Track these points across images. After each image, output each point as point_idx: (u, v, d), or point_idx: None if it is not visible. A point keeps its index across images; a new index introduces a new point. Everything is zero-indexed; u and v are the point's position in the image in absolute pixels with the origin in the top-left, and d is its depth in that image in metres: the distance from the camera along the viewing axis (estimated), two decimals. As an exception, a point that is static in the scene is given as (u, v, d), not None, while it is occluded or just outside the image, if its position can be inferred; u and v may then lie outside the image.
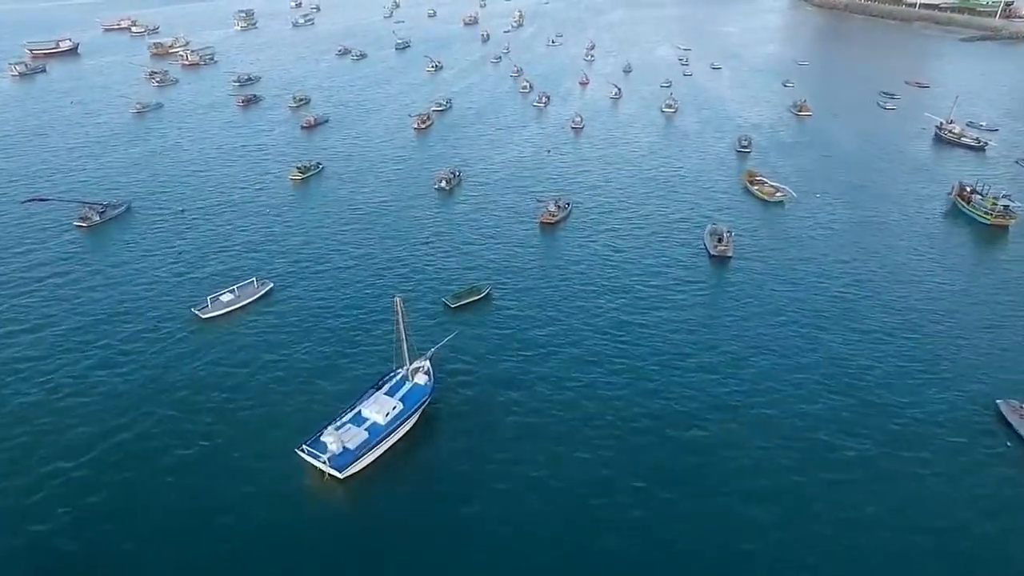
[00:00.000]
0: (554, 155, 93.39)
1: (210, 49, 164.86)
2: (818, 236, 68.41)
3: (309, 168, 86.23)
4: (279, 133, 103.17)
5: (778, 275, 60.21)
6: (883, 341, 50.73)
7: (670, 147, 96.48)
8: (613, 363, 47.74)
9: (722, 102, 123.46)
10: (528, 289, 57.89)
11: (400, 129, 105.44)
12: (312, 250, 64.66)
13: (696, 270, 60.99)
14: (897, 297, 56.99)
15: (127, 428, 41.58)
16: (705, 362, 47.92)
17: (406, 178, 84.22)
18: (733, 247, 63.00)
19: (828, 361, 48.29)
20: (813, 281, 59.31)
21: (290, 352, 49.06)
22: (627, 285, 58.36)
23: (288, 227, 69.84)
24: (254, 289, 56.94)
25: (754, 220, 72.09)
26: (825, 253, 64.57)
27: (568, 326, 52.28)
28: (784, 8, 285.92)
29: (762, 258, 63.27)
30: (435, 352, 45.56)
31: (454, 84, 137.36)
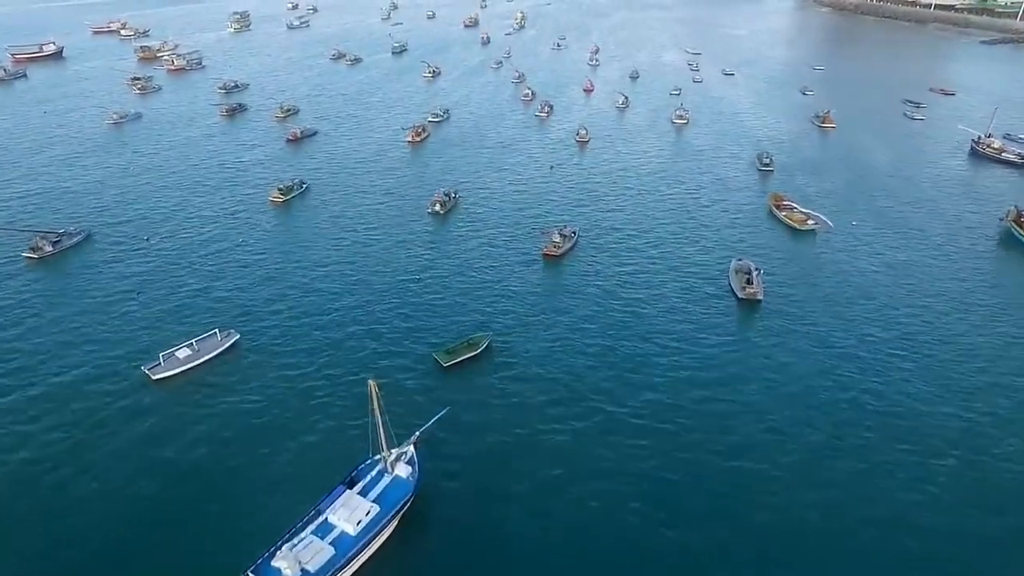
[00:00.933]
0: (558, 172, 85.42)
1: (197, 53, 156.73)
2: (858, 273, 60.33)
3: (292, 188, 78.30)
4: (262, 147, 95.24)
5: (817, 324, 52.05)
6: (954, 416, 42.77)
7: (684, 164, 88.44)
8: (632, 449, 39.84)
9: (737, 112, 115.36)
10: (532, 339, 49.95)
11: (393, 143, 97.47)
12: (288, 289, 56.65)
13: (722, 319, 52.82)
14: (960, 356, 48.81)
15: (37, 539, 33.84)
16: (743, 443, 40.09)
17: (397, 200, 76.28)
18: (763, 288, 55.06)
19: (887, 442, 40.45)
20: (858, 333, 51.16)
21: (250, 429, 41.11)
22: (644, 333, 50.34)
23: (263, 260, 61.83)
24: (216, 342, 48.99)
25: (783, 253, 64.08)
26: (869, 295, 56.45)
27: (578, 391, 44.29)
28: (791, 9, 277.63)
29: (797, 302, 55.19)
30: (421, 435, 37.74)
31: (452, 91, 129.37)
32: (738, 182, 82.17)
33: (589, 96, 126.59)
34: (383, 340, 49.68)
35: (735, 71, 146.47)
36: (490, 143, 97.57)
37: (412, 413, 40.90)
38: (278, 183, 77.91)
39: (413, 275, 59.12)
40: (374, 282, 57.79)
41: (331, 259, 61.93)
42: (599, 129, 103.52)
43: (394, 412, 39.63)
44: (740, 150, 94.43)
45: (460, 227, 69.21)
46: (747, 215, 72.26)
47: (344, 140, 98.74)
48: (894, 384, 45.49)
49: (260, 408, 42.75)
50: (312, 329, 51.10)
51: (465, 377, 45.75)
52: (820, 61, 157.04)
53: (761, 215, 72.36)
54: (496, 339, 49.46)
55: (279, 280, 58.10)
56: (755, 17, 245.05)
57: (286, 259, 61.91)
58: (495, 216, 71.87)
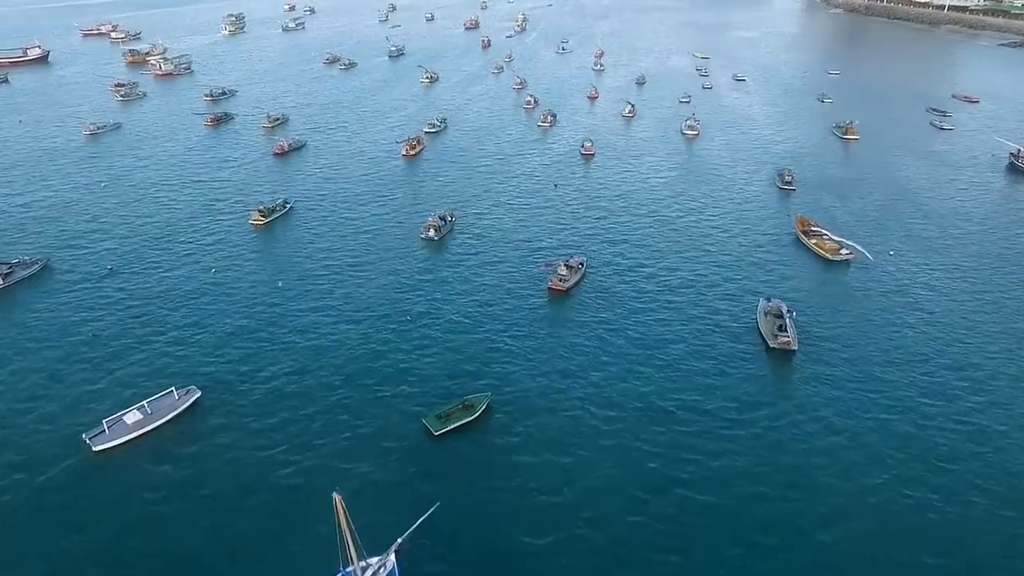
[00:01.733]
0: (562, 191, 78.49)
1: (186, 58, 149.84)
2: (904, 314, 52.96)
3: (274, 209, 71.41)
4: (247, 162, 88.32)
5: (864, 383, 44.65)
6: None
7: (698, 182, 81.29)
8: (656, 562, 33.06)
9: (751, 122, 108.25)
10: (537, 397, 43.01)
11: (387, 156, 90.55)
12: (261, 334, 49.47)
13: (753, 372, 45.67)
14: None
15: None
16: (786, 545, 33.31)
17: (388, 223, 69.34)
18: (797, 336, 48.07)
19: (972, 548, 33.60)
20: (916, 394, 43.83)
21: (196, 519, 34.18)
22: (664, 395, 43.32)
23: (235, 297, 54.75)
24: (172, 402, 42.12)
25: (816, 287, 57.07)
26: (922, 345, 49.01)
27: (595, 484, 37.03)
28: (799, 9, 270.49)
29: (836, 351, 47.89)
30: (403, 542, 30.92)
31: (450, 99, 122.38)
32: (758, 203, 75.08)
33: (594, 104, 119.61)
34: (365, 399, 42.85)
35: (746, 76, 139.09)
36: (490, 156, 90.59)
37: (395, 503, 34.15)
38: (259, 204, 70.99)
39: (402, 314, 52.19)
40: (358, 326, 50.72)
41: (311, 296, 54.94)
42: (605, 141, 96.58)
43: (374, 502, 33.02)
44: (758, 165, 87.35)
45: (456, 255, 62.30)
46: (772, 242, 65.23)
47: (334, 153, 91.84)
48: (964, 461, 38.66)
49: (212, 495, 35.86)
50: (285, 385, 44.16)
51: (460, 451, 38.79)
52: (835, 65, 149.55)
53: (787, 242, 65.33)
54: (496, 398, 42.61)
55: (252, 322, 51.11)
56: (763, 19, 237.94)
57: (261, 297, 54.90)
58: (495, 241, 64.93)
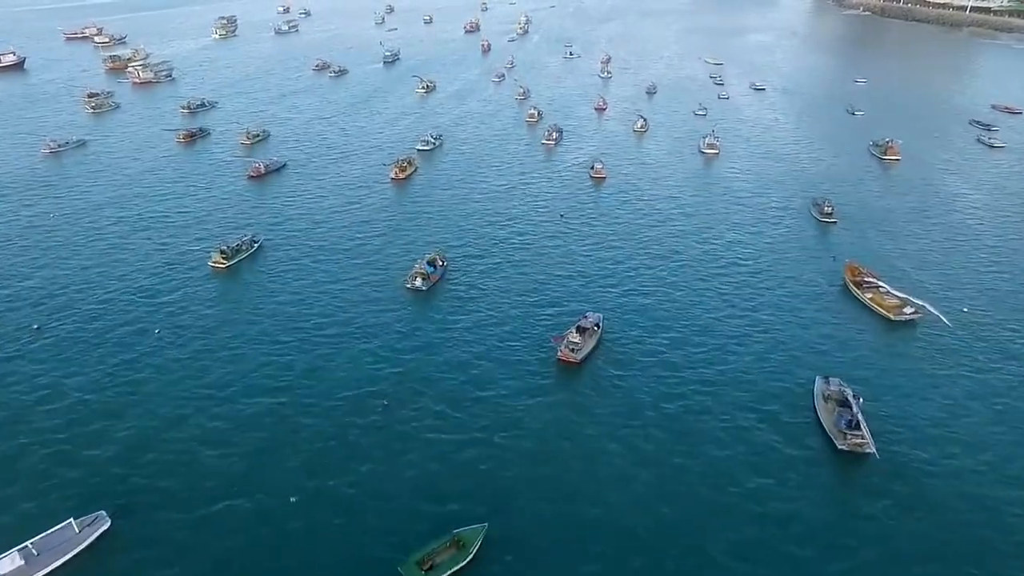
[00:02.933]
0: (570, 221, 68.32)
1: (167, 65, 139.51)
2: (1009, 401, 42.49)
3: (239, 248, 61.20)
4: (218, 187, 78.08)
5: (970, 508, 34.48)
6: None
7: (724, 213, 70.74)
8: None
9: (776, 139, 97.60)
10: (548, 527, 33.02)
11: (374, 179, 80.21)
12: (196, 431, 39.48)
13: (821, 495, 35.45)
14: None
15: None
16: None
17: (369, 267, 59.06)
18: (869, 433, 37.88)
19: None
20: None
21: None
22: (707, 526, 33.29)
23: (172, 376, 44.58)
24: (71, 537, 31.95)
25: (880, 359, 46.49)
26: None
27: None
28: (809, 11, 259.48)
29: (924, 458, 37.55)
30: None
31: (447, 111, 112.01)
32: (796, 241, 64.58)
33: (602, 115, 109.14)
34: (321, 534, 32.78)
35: (765, 84, 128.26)
36: (488, 180, 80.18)
37: None
38: (222, 243, 60.84)
39: (377, 400, 42.07)
40: (318, 421, 40.20)
41: (267, 372, 44.63)
42: (616, 161, 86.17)
43: None
44: (789, 192, 76.79)
45: (446, 313, 52.00)
46: (817, 294, 54.71)
47: (316, 176, 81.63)
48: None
49: None
50: (222, 510, 34.17)
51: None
52: (860, 72, 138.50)
53: (835, 294, 54.86)
54: (494, 532, 32.50)
55: (188, 412, 40.90)
56: (774, 21, 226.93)
57: (206, 373, 44.76)
58: (491, 293, 54.57)
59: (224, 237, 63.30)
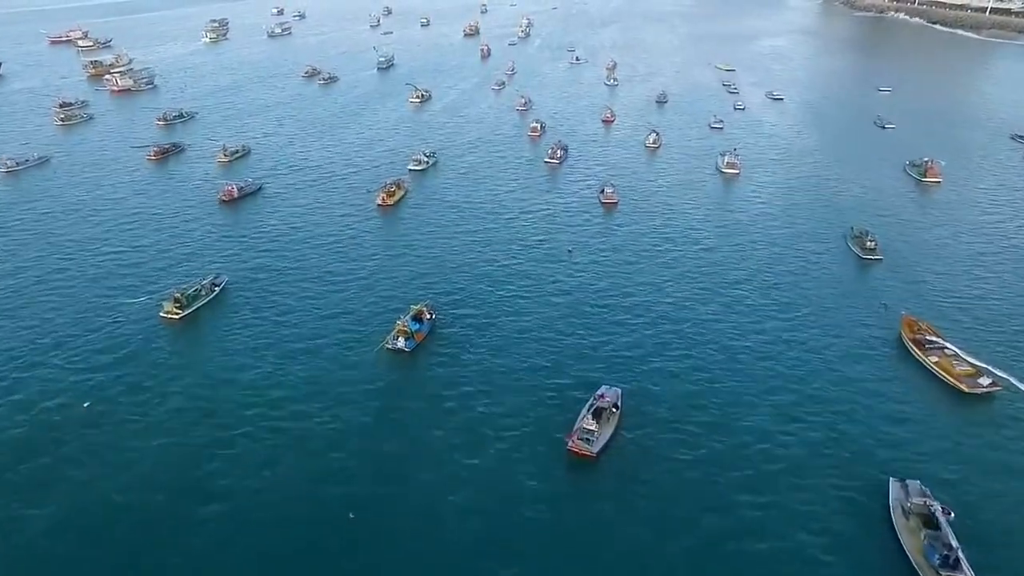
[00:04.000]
0: (579, 258, 59.53)
1: (149, 71, 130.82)
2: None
3: (197, 294, 52.18)
4: (185, 215, 69.11)
5: None
6: None
7: (753, 247, 61.41)
8: None
9: (801, 156, 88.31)
10: None
11: (359, 206, 71.00)
12: (104, 558, 31.02)
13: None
14: None
15: None
16: None
17: (345, 321, 50.09)
18: (954, 540, 29.18)
19: None
20: None
21: None
22: None
23: (91, 468, 35.99)
24: None
25: (961, 448, 37.14)
26: None
27: None
28: (817, 13, 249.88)
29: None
30: None
31: (443, 123, 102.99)
32: (837, 284, 55.30)
33: (610, 129, 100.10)
34: None
35: (783, 94, 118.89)
36: (486, 207, 70.98)
37: None
38: (177, 289, 52.03)
39: (344, 507, 33.34)
40: (274, 535, 32.00)
41: (212, 467, 35.90)
42: (628, 182, 77.15)
43: None
44: (822, 221, 67.59)
45: (433, 385, 43.12)
46: (870, 355, 45.51)
47: (294, 202, 72.68)
48: None
49: None
50: None
51: None
52: (881, 79, 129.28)
53: (892, 356, 45.50)
54: None
55: (105, 533, 32.38)
56: (784, 24, 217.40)
57: (133, 465, 36.05)
58: (487, 357, 45.49)
59: (185, 276, 54.74)
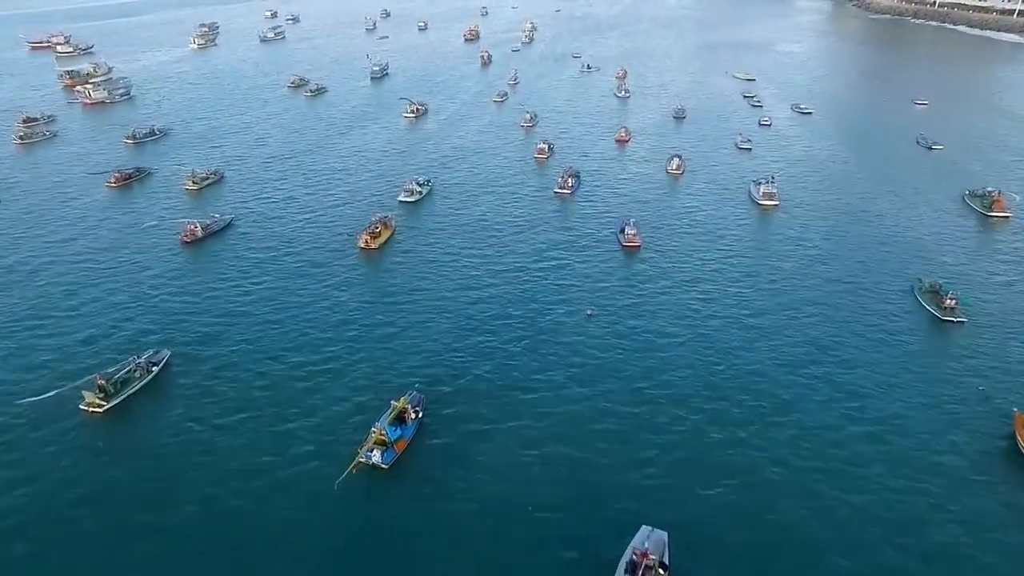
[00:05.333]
0: (601, 325, 48.56)
1: (125, 82, 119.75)
2: None
3: (129, 379, 41.04)
4: (139, 259, 57.81)
5: None
6: None
7: (806, 310, 49.81)
8: None
9: (845, 183, 76.45)
10: None
11: (337, 249, 59.68)
12: None
13: None
14: None
15: None
16: None
17: (309, 420, 39.14)
18: None
19: None
20: None
21: None
22: None
23: None
24: None
25: None
26: None
27: None
28: (830, 15, 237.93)
29: None
30: None
31: (440, 142, 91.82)
32: (918, 359, 43.94)
33: (624, 149, 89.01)
34: None
35: (811, 107, 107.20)
36: (487, 252, 59.41)
37: None
38: (103, 372, 40.94)
39: None
40: None
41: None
42: (650, 218, 65.95)
43: None
44: (881, 269, 55.98)
45: (416, 521, 32.52)
46: (973, 464, 34.86)
47: (265, 243, 61.55)
48: None
49: None
50: None
51: None
52: (916, 89, 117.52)
53: (999, 459, 35.00)
54: None
55: None
56: (796, 28, 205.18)
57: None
58: (488, 475, 34.82)
59: (119, 351, 44.07)
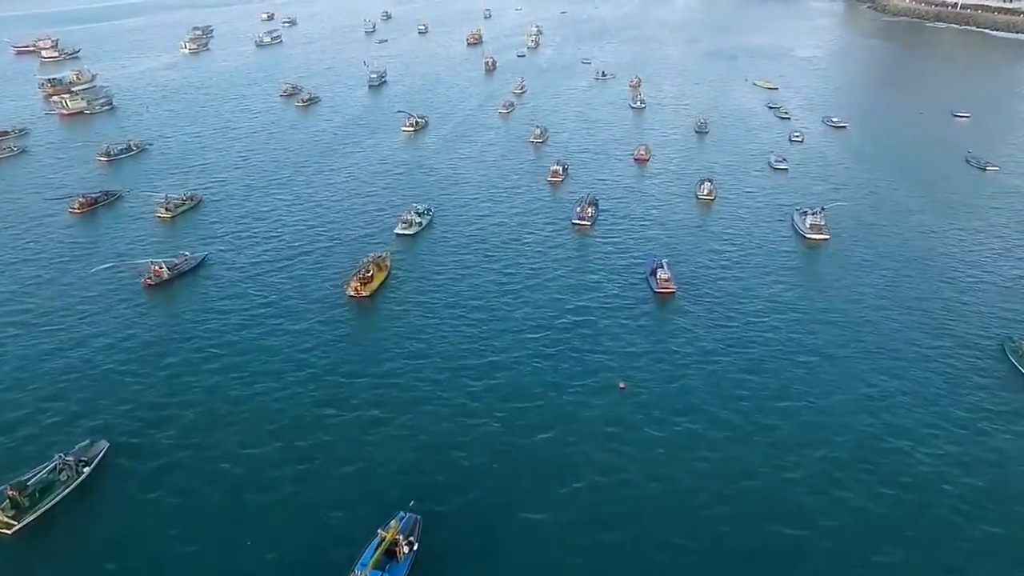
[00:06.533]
0: (632, 397, 39.37)
1: (107, 92, 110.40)
2: None
3: (52, 483, 31.95)
4: (84, 314, 48.24)
5: None
6: None
7: (874, 373, 40.66)
8: None
9: (897, 213, 66.49)
10: None
11: (322, 301, 49.78)
12: None
13: None
14: None
15: None
16: None
17: (276, 542, 30.18)
18: None
19: None
20: None
21: None
22: None
23: None
24: None
25: None
26: None
27: None
28: (843, 17, 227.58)
29: None
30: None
31: (440, 162, 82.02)
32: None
33: (644, 169, 79.36)
34: None
35: (843, 120, 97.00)
36: (495, 304, 49.65)
37: None
38: (13, 485, 31.54)
39: None
40: None
41: None
42: (682, 255, 56.31)
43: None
44: (959, 320, 46.83)
45: None
46: None
47: (237, 289, 51.88)
48: None
49: None
50: None
51: None
52: (953, 100, 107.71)
53: None
54: None
55: None
56: (812, 31, 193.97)
57: None
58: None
59: (46, 447, 34.98)
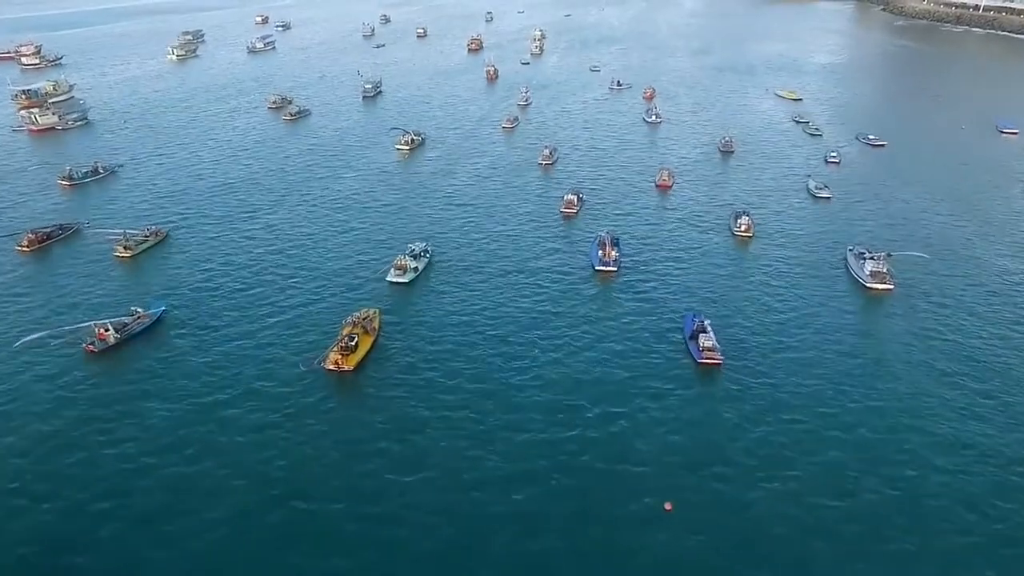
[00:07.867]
0: (681, 518, 30.41)
1: (81, 105, 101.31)
2: None
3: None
4: (21, 392, 39.89)
5: None
6: None
7: (977, 496, 32.45)
8: None
9: (960, 249, 57.21)
10: None
11: (295, 379, 41.11)
12: None
13: None
14: None
15: None
16: None
17: None
18: None
19: None
20: None
21: None
22: None
23: None
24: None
25: None
26: None
27: None
28: (857, 21, 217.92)
29: None
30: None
31: (438, 187, 72.02)
32: None
33: (667, 197, 69.85)
34: None
35: (879, 137, 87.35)
36: (506, 385, 40.19)
37: None
38: None
39: None
40: None
41: None
42: (723, 308, 47.22)
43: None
44: None
45: None
46: None
47: (202, 355, 42.62)
48: None
49: None
50: None
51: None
52: (996, 113, 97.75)
53: None
54: None
55: None
56: (825, 36, 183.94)
57: None
58: None
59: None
